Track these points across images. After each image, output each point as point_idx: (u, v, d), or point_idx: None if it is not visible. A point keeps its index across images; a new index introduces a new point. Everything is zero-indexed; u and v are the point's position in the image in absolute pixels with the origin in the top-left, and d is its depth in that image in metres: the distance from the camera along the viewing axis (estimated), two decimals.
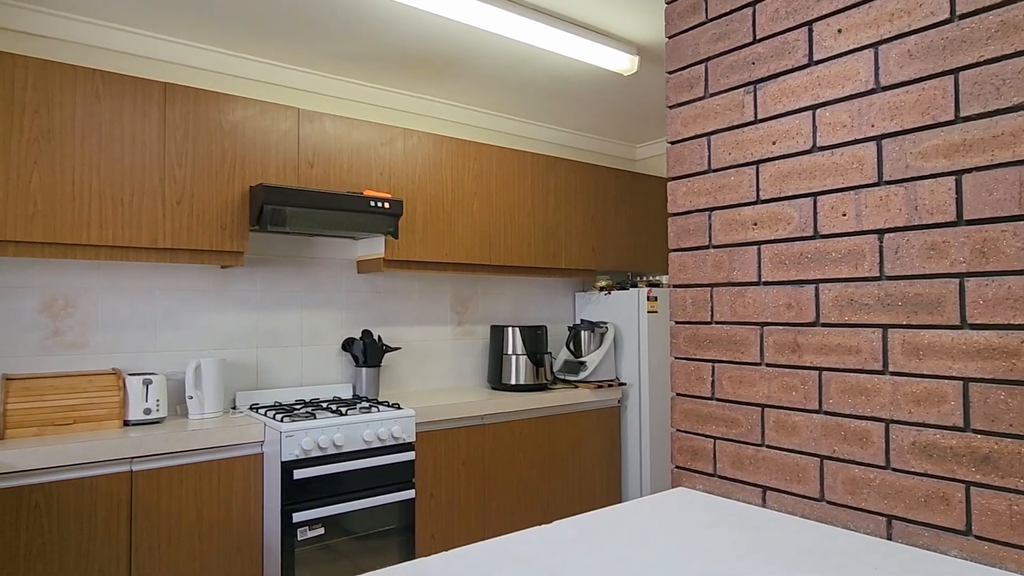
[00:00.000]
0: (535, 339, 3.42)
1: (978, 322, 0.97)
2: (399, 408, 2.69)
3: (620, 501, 3.60)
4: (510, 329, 3.42)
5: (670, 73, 1.48)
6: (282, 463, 2.32)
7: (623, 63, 2.72)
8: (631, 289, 3.67)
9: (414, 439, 2.67)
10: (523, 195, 3.50)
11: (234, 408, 2.79)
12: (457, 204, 3.23)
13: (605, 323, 3.69)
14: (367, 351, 3.08)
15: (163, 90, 2.44)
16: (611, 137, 4.26)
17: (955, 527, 0.99)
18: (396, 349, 3.21)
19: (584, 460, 3.44)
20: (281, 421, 2.37)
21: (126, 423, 2.38)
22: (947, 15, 1.02)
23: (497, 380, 3.43)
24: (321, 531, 2.40)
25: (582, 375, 3.53)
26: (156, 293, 2.68)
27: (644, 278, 4.02)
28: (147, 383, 2.39)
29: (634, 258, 4.00)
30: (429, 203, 3.13)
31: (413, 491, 2.64)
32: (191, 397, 2.52)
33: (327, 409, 2.65)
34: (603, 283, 3.88)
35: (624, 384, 3.61)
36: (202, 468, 2.30)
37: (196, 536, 2.28)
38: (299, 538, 2.34)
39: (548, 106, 3.59)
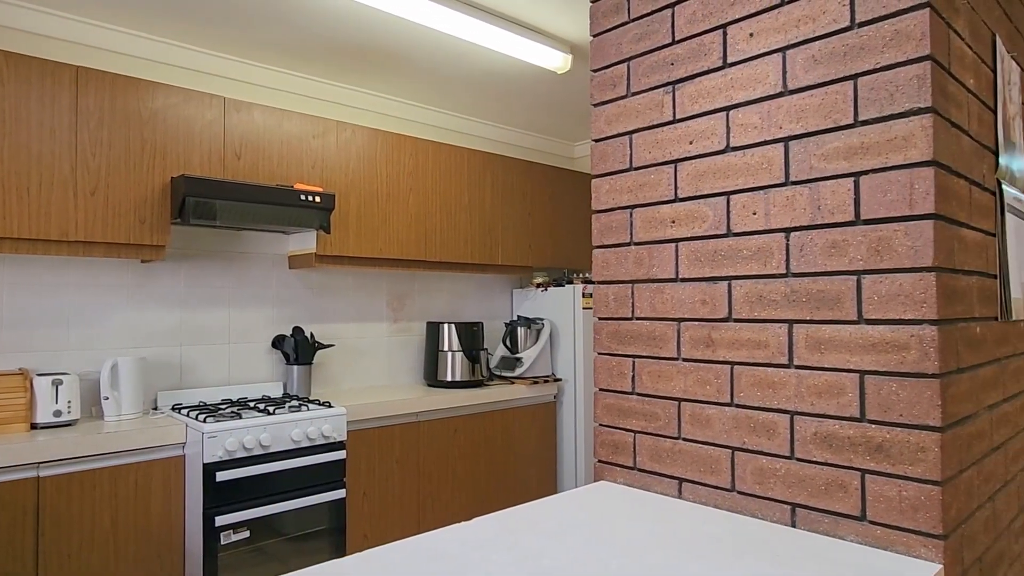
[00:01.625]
0: (471, 335, 3.41)
1: (873, 317, 1.02)
2: (330, 406, 2.64)
3: None
4: (446, 326, 3.40)
5: (595, 71, 1.49)
6: (204, 465, 2.24)
7: (557, 61, 2.74)
8: (567, 286, 3.70)
9: (345, 438, 2.62)
10: (460, 191, 3.48)
11: (155, 409, 2.67)
12: (392, 199, 3.19)
13: (541, 319, 3.71)
14: (298, 348, 3.01)
15: (75, 74, 2.31)
16: (549, 135, 4.29)
17: (852, 513, 1.04)
18: (329, 346, 3.14)
19: (520, 456, 3.46)
20: (204, 421, 2.29)
21: (34, 426, 2.24)
22: (848, 23, 1.06)
23: (433, 377, 3.41)
24: (246, 534, 2.33)
25: (518, 371, 3.55)
26: (69, 288, 2.54)
27: (580, 275, 4.06)
28: (57, 384, 2.26)
29: (570, 255, 4.04)
30: (363, 198, 3.08)
31: (344, 491, 2.59)
32: (107, 398, 2.40)
33: (254, 408, 2.57)
34: (540, 280, 3.90)
35: (560, 380, 3.64)
36: (118, 472, 2.20)
37: (111, 544, 2.18)
38: (223, 542, 2.26)
39: (486, 102, 3.58)
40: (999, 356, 1.22)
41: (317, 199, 2.71)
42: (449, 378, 3.36)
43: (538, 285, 3.89)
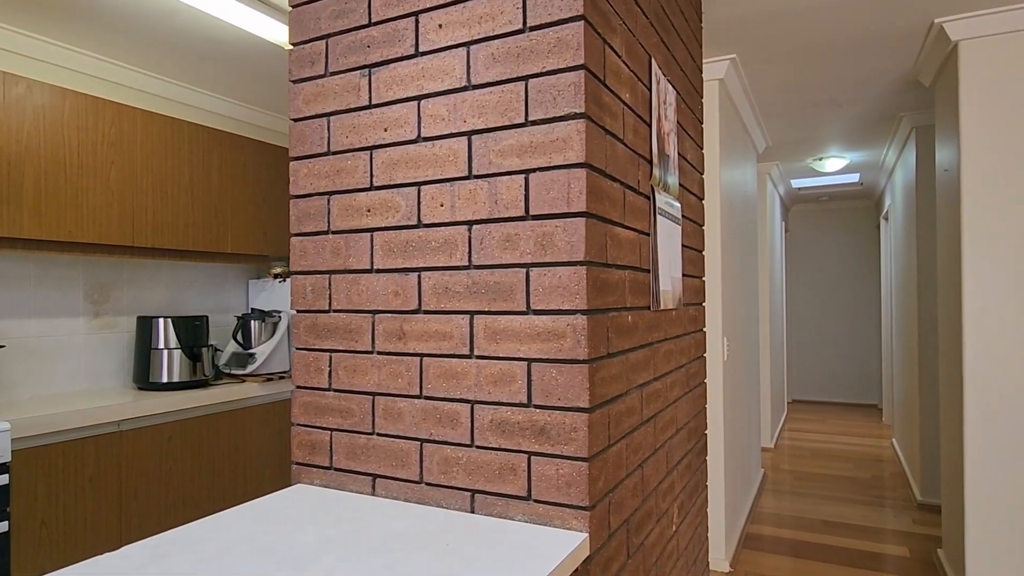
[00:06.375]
0: (193, 331, 3.06)
1: (539, 308, 1.08)
2: None
3: None
4: (161, 320, 3.00)
5: (294, 45, 1.39)
6: None
7: (282, 35, 2.55)
8: None
9: (9, 459, 2.16)
10: (179, 169, 3.09)
11: None
12: (88, 173, 2.71)
13: (279, 312, 3.47)
14: None
15: None
16: (284, 114, 4.02)
17: (520, 494, 1.09)
18: None
19: (252, 459, 3.20)
20: None
21: None
22: (520, 25, 1.10)
23: (144, 379, 2.99)
24: None
25: (251, 368, 3.27)
26: None
27: None
28: None
29: None
30: (46, 169, 2.56)
31: (7, 523, 2.14)
32: None
33: None
34: (279, 270, 3.65)
35: None
36: None
37: None
38: None
39: (209, 72, 3.22)
40: (651, 340, 1.38)
41: None
42: (165, 379, 2.98)
43: (276, 275, 3.63)
